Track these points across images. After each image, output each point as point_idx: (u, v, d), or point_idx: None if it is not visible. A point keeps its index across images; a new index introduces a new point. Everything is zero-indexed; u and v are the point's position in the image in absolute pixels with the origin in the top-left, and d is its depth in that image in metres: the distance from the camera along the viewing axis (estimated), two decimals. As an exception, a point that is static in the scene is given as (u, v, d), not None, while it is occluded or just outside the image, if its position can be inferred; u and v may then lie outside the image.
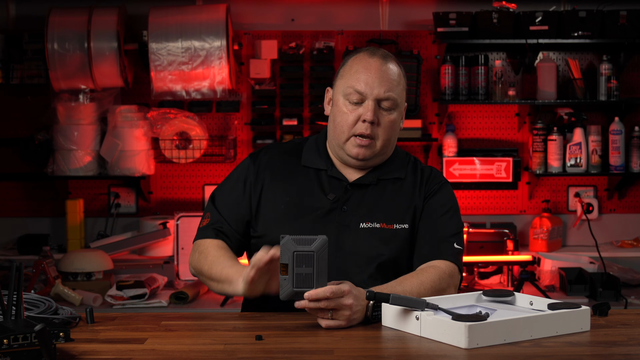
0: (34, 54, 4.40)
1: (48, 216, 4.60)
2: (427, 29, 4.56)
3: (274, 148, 2.38)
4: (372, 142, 2.22)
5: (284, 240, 1.89)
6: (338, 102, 2.25)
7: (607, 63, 4.37)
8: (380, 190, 2.28)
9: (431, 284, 2.13)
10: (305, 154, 2.33)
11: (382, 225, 2.23)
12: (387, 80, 2.21)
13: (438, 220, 2.27)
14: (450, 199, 2.32)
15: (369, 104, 2.20)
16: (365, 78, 2.21)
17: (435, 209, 2.28)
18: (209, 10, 4.27)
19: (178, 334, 1.90)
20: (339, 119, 2.24)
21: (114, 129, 4.34)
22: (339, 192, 2.26)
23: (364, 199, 2.26)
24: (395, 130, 2.27)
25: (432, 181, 2.32)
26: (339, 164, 2.31)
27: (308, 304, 1.89)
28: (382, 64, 2.22)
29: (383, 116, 2.22)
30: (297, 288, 1.88)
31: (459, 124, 4.60)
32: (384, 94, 2.21)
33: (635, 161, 4.41)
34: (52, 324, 1.83)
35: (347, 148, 2.24)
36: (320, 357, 1.70)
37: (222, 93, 4.28)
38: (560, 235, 4.56)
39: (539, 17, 4.30)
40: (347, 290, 1.91)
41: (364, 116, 2.20)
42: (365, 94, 2.20)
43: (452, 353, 1.70)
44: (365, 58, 2.23)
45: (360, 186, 2.28)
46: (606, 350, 1.74)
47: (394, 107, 2.24)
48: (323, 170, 2.30)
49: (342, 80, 2.25)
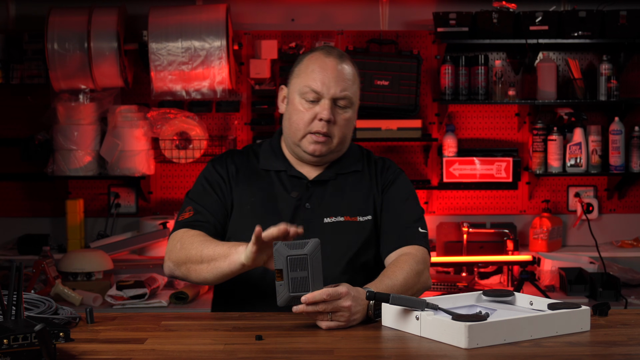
0: (34, 54, 4.40)
1: (48, 216, 4.60)
2: (427, 29, 4.56)
3: (234, 154, 2.40)
4: (329, 139, 2.27)
5: (277, 246, 1.89)
6: (294, 100, 2.29)
7: (607, 63, 4.37)
8: (340, 185, 2.33)
9: (412, 270, 2.17)
10: (263, 157, 2.37)
11: (345, 218, 2.28)
12: (343, 79, 2.26)
13: (399, 208, 2.33)
14: (407, 186, 2.39)
15: (325, 103, 2.24)
16: (321, 77, 2.25)
17: (395, 198, 2.34)
18: (209, 10, 4.27)
19: (178, 334, 1.91)
20: (295, 117, 2.28)
21: (114, 129, 4.34)
22: (301, 189, 2.30)
23: (325, 194, 2.31)
24: (350, 128, 2.32)
25: (387, 172, 2.38)
26: (296, 163, 2.35)
27: (306, 308, 1.89)
28: (338, 64, 2.27)
29: (339, 114, 2.27)
30: (294, 292, 1.88)
31: (459, 124, 4.60)
32: (340, 93, 2.25)
33: (635, 161, 4.41)
34: (52, 324, 1.83)
35: (304, 145, 2.28)
36: (320, 357, 1.70)
37: (222, 93, 4.28)
38: (560, 235, 4.56)
39: (539, 17, 4.30)
40: (345, 292, 1.91)
41: (320, 115, 2.24)
42: (322, 93, 2.25)
43: (452, 353, 1.70)
44: (322, 57, 2.28)
45: (320, 183, 2.32)
46: (606, 350, 1.74)
47: (349, 105, 2.28)
48: (282, 171, 2.34)
49: (298, 79, 2.29)
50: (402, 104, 4.32)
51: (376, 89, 4.28)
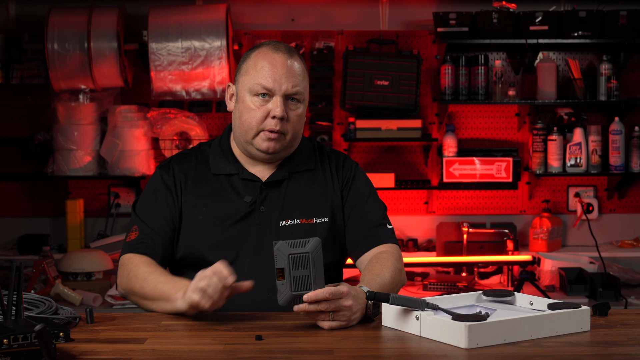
0: (34, 54, 4.40)
1: (48, 216, 4.60)
2: (427, 29, 4.56)
3: (181, 158, 2.34)
4: (282, 136, 2.22)
5: (278, 245, 1.88)
6: (244, 98, 2.23)
7: (607, 63, 4.37)
8: (295, 185, 2.29)
9: (395, 268, 2.19)
10: (213, 161, 2.31)
11: (301, 220, 2.25)
12: (293, 75, 2.21)
13: (364, 208, 2.31)
14: (366, 182, 2.37)
15: (278, 100, 2.19)
16: (272, 74, 2.19)
17: (357, 197, 2.32)
18: (209, 10, 4.27)
19: (178, 334, 1.90)
20: (246, 115, 2.22)
21: (114, 129, 4.34)
22: (255, 193, 2.26)
23: (280, 196, 2.27)
24: (301, 124, 2.28)
25: (344, 169, 2.35)
26: (248, 163, 2.29)
27: (308, 307, 1.88)
28: (287, 59, 2.21)
29: (291, 111, 2.23)
30: (296, 291, 1.87)
31: (459, 124, 4.60)
32: (292, 89, 2.21)
33: (635, 161, 4.41)
34: (52, 324, 1.83)
35: (257, 143, 2.23)
36: (320, 357, 1.70)
37: (222, 93, 4.28)
38: (560, 235, 4.56)
39: (539, 17, 4.30)
40: (346, 291, 1.91)
41: (273, 112, 2.19)
42: (273, 89, 2.19)
43: (452, 353, 1.70)
44: (270, 53, 2.22)
45: (274, 184, 2.28)
46: (606, 350, 1.74)
47: (301, 101, 2.25)
48: (234, 174, 2.28)
49: (248, 77, 2.22)
50: (402, 104, 4.32)
51: (376, 89, 4.28)
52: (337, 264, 2.35)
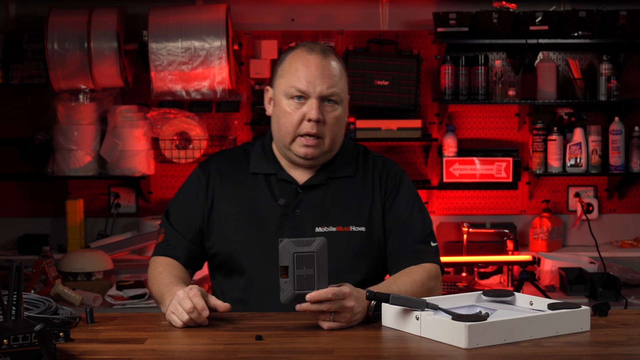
0: (34, 54, 4.40)
1: (48, 216, 4.60)
2: (427, 29, 4.56)
3: (223, 155, 2.34)
4: (320, 141, 2.18)
5: (283, 242, 1.88)
6: (280, 102, 2.20)
7: (607, 63, 4.37)
8: (332, 191, 2.24)
9: (422, 283, 2.14)
10: (253, 160, 2.29)
11: (338, 228, 2.20)
12: (329, 76, 2.16)
13: (408, 221, 2.24)
14: (412, 193, 2.30)
15: (313, 103, 2.15)
16: (306, 76, 2.15)
17: (401, 209, 2.25)
18: (209, 10, 4.27)
19: (178, 334, 1.90)
20: (282, 119, 2.19)
21: (114, 129, 4.34)
22: (290, 195, 2.23)
23: (317, 201, 2.22)
24: (341, 126, 2.23)
25: (388, 177, 2.28)
26: (288, 165, 2.27)
27: (310, 307, 1.87)
28: (322, 60, 2.17)
29: (328, 113, 2.18)
30: (299, 290, 1.87)
31: (459, 124, 4.60)
32: (327, 90, 2.16)
33: (635, 161, 4.41)
34: (52, 324, 1.83)
35: (294, 149, 2.20)
36: (320, 357, 1.70)
37: (222, 93, 4.28)
38: (560, 235, 4.56)
39: (539, 17, 4.30)
40: (348, 292, 1.90)
41: (309, 115, 2.15)
42: (308, 92, 2.15)
43: (452, 353, 1.70)
44: (304, 54, 2.18)
45: (311, 188, 2.24)
46: (606, 350, 1.74)
47: (338, 102, 2.20)
48: (272, 174, 2.26)
49: (283, 80, 2.19)
50: (402, 104, 4.32)
51: (376, 89, 4.28)
52: (377, 279, 2.23)
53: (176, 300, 1.95)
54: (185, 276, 2.21)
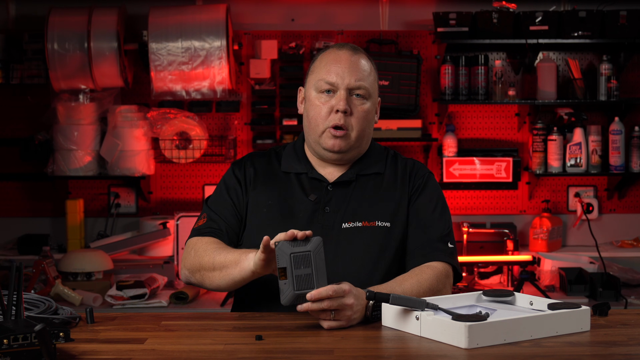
0: (34, 54, 4.40)
1: (48, 216, 4.60)
2: (427, 29, 4.56)
3: (255, 156, 2.40)
4: (347, 133, 2.23)
5: (279, 244, 1.89)
6: (310, 96, 2.26)
7: (607, 63, 4.37)
8: (361, 188, 2.28)
9: (429, 285, 2.14)
10: (285, 160, 2.35)
11: (363, 223, 2.23)
12: (357, 69, 2.23)
13: (429, 220, 2.26)
14: (436, 194, 2.32)
15: (341, 94, 2.21)
16: (335, 69, 2.22)
17: (423, 207, 2.28)
18: (209, 10, 4.27)
19: (178, 334, 1.90)
20: (312, 112, 2.25)
21: (114, 129, 4.34)
22: (320, 192, 2.27)
23: (346, 198, 2.26)
24: (369, 122, 2.27)
25: (416, 176, 2.32)
26: (318, 165, 2.31)
27: (311, 306, 1.88)
28: (352, 55, 2.24)
29: (356, 106, 2.23)
30: (299, 290, 1.87)
31: (459, 124, 4.60)
32: (354, 82, 2.22)
33: (635, 161, 4.41)
34: (52, 324, 1.83)
35: (323, 141, 2.24)
36: (320, 357, 1.70)
37: (222, 93, 4.28)
38: (560, 235, 4.56)
39: (539, 17, 4.30)
40: (348, 289, 1.91)
41: (337, 106, 2.21)
42: (337, 84, 2.22)
43: (452, 353, 1.70)
44: (334, 51, 2.26)
45: (341, 185, 2.28)
46: (606, 350, 1.74)
47: (367, 96, 2.25)
48: (303, 173, 2.30)
49: (313, 75, 2.27)
50: (402, 104, 4.32)
51: (376, 89, 4.28)
52: (399, 275, 2.20)
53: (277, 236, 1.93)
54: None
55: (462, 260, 4.24)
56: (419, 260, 2.22)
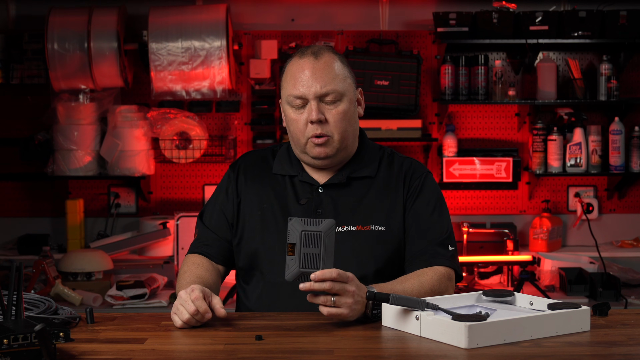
0: (34, 54, 4.40)
1: (48, 216, 4.60)
2: (427, 29, 4.56)
3: (251, 155, 2.39)
4: (329, 139, 2.20)
5: (292, 220, 1.89)
6: (287, 111, 2.24)
7: (607, 63, 4.37)
8: (353, 191, 2.26)
9: (431, 286, 2.13)
10: (277, 162, 2.34)
11: (357, 227, 2.21)
12: (322, 75, 2.18)
13: (428, 223, 2.24)
14: (434, 195, 2.28)
15: (312, 105, 2.18)
16: (301, 80, 2.19)
17: (421, 210, 2.25)
18: (209, 10, 4.27)
19: (178, 334, 1.90)
20: (291, 127, 2.23)
21: (114, 129, 4.34)
22: (311, 195, 2.26)
23: (338, 201, 2.24)
24: (349, 120, 2.23)
25: (412, 177, 2.29)
26: (309, 168, 2.30)
27: (313, 285, 1.88)
28: (313, 61, 2.19)
29: (329, 111, 2.20)
30: (304, 268, 1.88)
31: (459, 124, 4.60)
32: (321, 89, 2.18)
33: (635, 161, 4.41)
34: (52, 324, 1.83)
35: (309, 151, 2.23)
36: (320, 357, 1.70)
37: (222, 93, 4.28)
38: (560, 235, 4.56)
39: (539, 17, 4.30)
40: (352, 276, 1.92)
41: (310, 117, 2.18)
42: (305, 95, 2.18)
43: (452, 353, 1.70)
44: (296, 61, 2.22)
45: (331, 188, 2.26)
46: (606, 350, 1.74)
47: (339, 98, 2.20)
48: (294, 176, 2.29)
49: (283, 90, 2.25)
50: (402, 104, 4.32)
51: (376, 89, 4.28)
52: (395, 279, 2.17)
53: (178, 300, 1.96)
54: (208, 275, 2.22)
55: (462, 261, 4.24)
56: (420, 266, 2.20)
